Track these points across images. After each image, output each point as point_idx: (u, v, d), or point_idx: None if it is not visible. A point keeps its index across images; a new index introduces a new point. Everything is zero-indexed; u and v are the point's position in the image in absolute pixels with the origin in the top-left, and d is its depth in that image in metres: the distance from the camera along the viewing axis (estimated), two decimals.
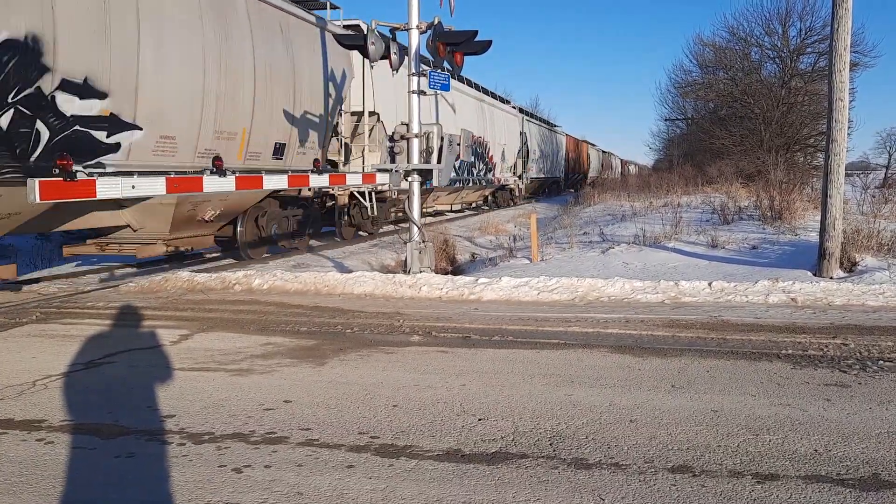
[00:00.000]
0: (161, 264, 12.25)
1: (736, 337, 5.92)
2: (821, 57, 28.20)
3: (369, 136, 16.08)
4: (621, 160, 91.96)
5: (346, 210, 16.13)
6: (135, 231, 9.88)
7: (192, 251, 11.89)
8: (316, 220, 14.44)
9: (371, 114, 15.98)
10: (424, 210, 25.03)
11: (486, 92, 27.09)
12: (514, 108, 31.98)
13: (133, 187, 7.44)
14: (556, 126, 44.95)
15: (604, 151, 73.17)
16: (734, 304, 7.21)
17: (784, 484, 3.18)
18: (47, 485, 3.29)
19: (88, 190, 6.91)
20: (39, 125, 7.12)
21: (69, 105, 7.37)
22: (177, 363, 5.36)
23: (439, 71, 9.36)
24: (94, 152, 7.80)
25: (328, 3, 13.64)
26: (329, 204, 15.78)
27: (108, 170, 7.88)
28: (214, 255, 13.29)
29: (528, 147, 33.44)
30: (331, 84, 13.13)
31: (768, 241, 11.72)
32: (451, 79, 9.94)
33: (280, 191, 12.03)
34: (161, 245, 9.83)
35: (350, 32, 12.52)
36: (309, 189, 12.95)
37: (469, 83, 24.82)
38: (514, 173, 31.44)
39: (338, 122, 14.10)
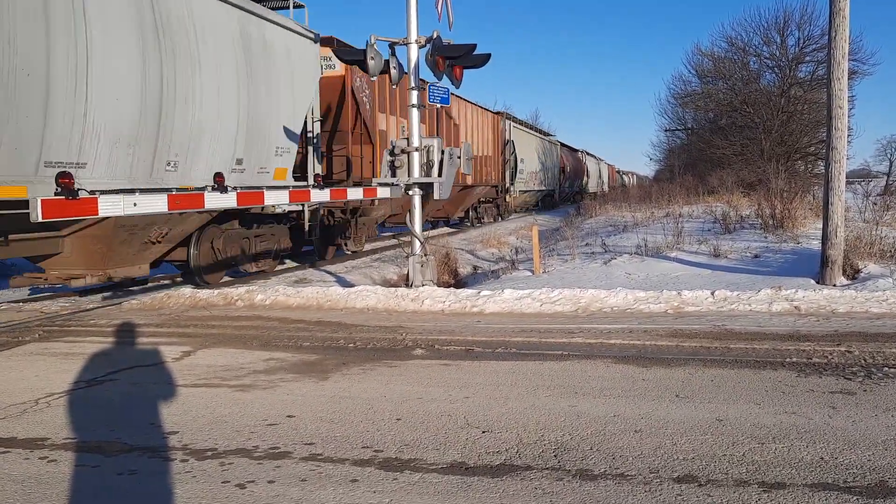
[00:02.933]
0: (161, 280, 12.27)
1: (740, 346, 5.90)
2: (819, 65, 28.29)
3: None
4: (612, 167, 73.87)
5: None
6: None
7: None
8: None
9: None
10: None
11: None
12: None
13: (135, 205, 7.45)
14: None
15: (570, 147, 48.56)
16: (737, 313, 7.19)
17: (790, 492, 3.16)
18: (50, 503, 3.28)
19: (91, 208, 6.92)
20: None
21: None
22: (179, 380, 5.35)
23: (439, 84, 9.41)
24: None
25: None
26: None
27: None
28: None
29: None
30: None
31: (770, 250, 11.71)
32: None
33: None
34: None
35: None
36: None
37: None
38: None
39: None
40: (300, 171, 12.86)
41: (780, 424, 4.01)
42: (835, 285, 8.55)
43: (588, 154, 57.14)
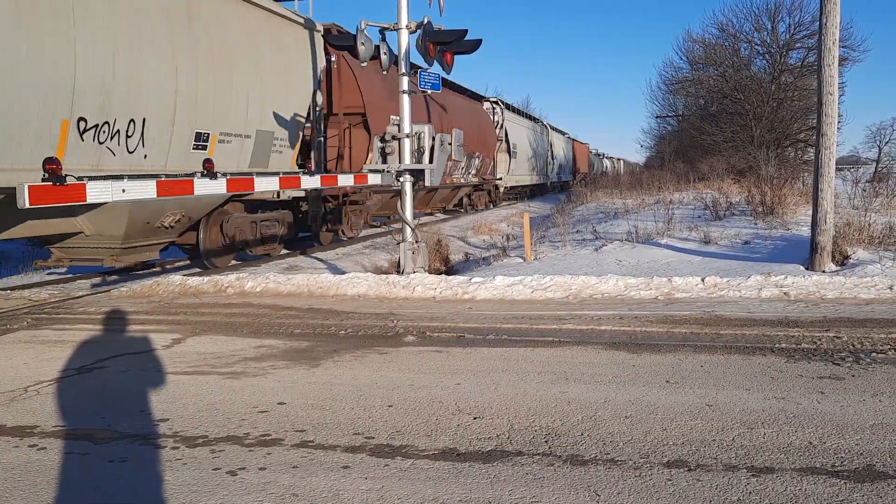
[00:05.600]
0: (153, 268, 12.21)
1: (729, 332, 5.93)
2: (810, 52, 28.26)
3: None
4: (584, 146, 58.51)
5: None
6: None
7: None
8: None
9: None
10: None
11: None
12: None
13: (123, 191, 7.38)
14: None
15: (461, 90, 23.08)
16: (727, 300, 7.22)
17: (779, 477, 3.18)
18: (40, 491, 3.27)
19: (78, 194, 6.85)
20: None
21: None
22: (169, 367, 5.33)
23: (429, 70, 9.36)
24: None
25: None
26: None
27: None
28: None
29: None
30: None
31: (760, 237, 11.76)
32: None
33: None
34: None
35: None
36: None
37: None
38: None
39: None
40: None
41: (769, 409, 4.04)
42: (824, 271, 8.59)
43: (516, 111, 31.82)
